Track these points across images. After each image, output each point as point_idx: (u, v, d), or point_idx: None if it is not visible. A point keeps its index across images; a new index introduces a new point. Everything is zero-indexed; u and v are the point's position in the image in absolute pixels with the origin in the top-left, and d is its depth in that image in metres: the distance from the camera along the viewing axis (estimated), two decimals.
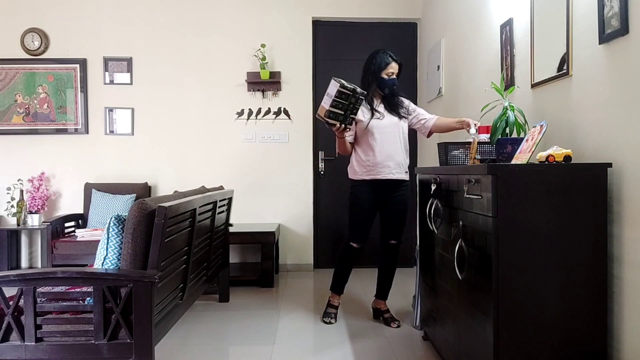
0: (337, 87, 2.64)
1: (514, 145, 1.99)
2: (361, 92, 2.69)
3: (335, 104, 2.67)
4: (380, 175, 2.96)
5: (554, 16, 2.11)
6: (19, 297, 1.95)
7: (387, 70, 2.95)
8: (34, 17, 4.48)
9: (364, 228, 3.03)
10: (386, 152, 2.95)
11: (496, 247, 1.62)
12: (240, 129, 4.59)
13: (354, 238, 3.03)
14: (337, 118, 2.72)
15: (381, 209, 3.07)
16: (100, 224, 4.19)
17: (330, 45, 4.72)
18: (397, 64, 2.98)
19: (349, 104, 2.69)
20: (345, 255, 3.09)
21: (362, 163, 2.99)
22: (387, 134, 2.96)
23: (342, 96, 2.66)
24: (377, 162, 2.95)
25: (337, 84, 2.64)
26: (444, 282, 2.23)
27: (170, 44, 4.55)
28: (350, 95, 2.67)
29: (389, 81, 2.97)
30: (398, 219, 3.05)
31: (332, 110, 2.69)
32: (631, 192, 1.62)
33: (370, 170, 2.97)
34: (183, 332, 2.91)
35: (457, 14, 3.53)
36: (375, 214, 3.06)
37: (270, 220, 4.59)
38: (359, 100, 2.71)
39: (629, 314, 1.63)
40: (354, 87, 2.66)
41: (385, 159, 2.95)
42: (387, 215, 3.06)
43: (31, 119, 4.50)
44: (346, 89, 2.64)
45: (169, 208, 2.02)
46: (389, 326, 3.00)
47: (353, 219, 3.04)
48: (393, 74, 2.97)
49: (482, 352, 1.73)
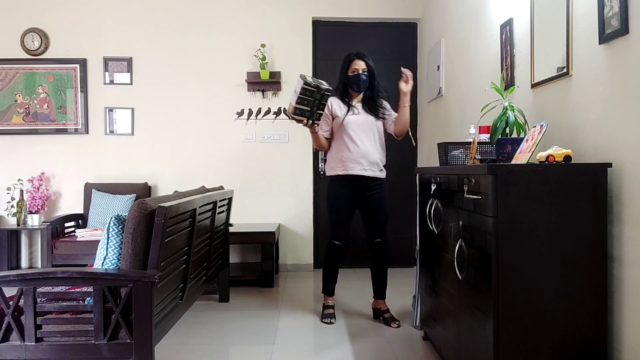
0: (301, 84, 2.68)
1: (514, 145, 1.99)
2: (326, 88, 2.72)
3: (300, 100, 2.72)
4: (352, 171, 3.00)
5: (554, 16, 2.11)
6: (19, 297, 1.95)
7: (351, 67, 3.02)
8: (34, 17, 4.48)
9: (344, 225, 3.07)
10: (360, 150, 2.99)
11: (496, 247, 1.62)
12: (240, 129, 4.59)
13: (335, 236, 3.08)
14: (303, 114, 2.77)
15: (360, 208, 3.10)
16: (100, 224, 4.19)
17: (330, 45, 4.72)
18: (361, 61, 3.02)
19: (314, 100, 2.73)
20: (330, 254, 3.14)
21: (337, 158, 3.04)
22: (361, 132, 3.00)
23: (307, 93, 2.70)
24: (350, 158, 2.99)
25: (302, 80, 2.68)
26: (444, 282, 2.23)
27: (171, 44, 4.55)
28: (315, 92, 2.70)
29: (353, 77, 3.02)
30: (378, 217, 3.07)
31: (297, 107, 2.74)
32: (631, 192, 1.62)
33: (344, 166, 3.01)
34: (183, 332, 2.91)
35: (457, 14, 3.53)
36: (353, 210, 3.10)
37: (270, 220, 4.59)
38: (325, 96, 2.74)
39: (629, 314, 1.63)
40: (317, 83, 2.70)
41: (358, 155, 2.99)
42: (366, 213, 3.10)
43: (31, 119, 4.50)
44: (309, 85, 2.67)
45: (169, 208, 2.02)
46: (389, 326, 3.00)
47: (332, 216, 3.10)
48: (358, 70, 3.01)
49: (482, 352, 1.73)
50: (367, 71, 3.04)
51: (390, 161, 4.65)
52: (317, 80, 2.74)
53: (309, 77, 2.72)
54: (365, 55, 3.06)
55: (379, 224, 3.08)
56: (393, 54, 4.74)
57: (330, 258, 3.16)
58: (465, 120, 3.22)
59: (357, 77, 3.01)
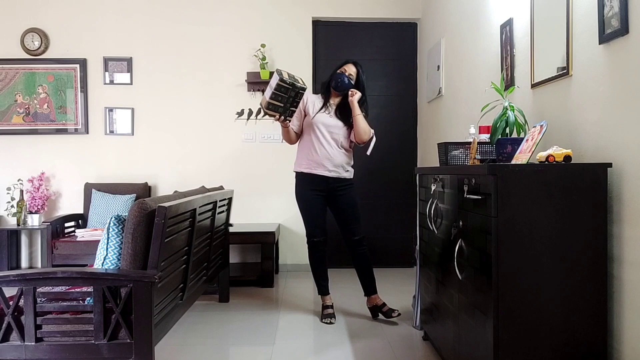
0: (277, 80, 2.65)
1: (514, 145, 1.99)
2: (301, 86, 2.73)
3: (275, 96, 2.71)
4: (316, 171, 3.06)
5: (554, 16, 2.11)
6: (19, 297, 1.95)
7: (342, 67, 3.08)
8: (34, 17, 4.48)
9: (318, 221, 3.10)
10: (325, 151, 3.04)
11: (496, 247, 1.62)
12: (240, 129, 4.59)
13: (312, 233, 3.11)
14: (276, 110, 2.78)
15: (330, 209, 3.16)
16: (100, 224, 4.19)
17: (330, 45, 4.71)
18: (353, 66, 3.08)
19: (289, 97, 2.74)
20: (313, 253, 3.16)
21: (303, 155, 3.11)
22: (328, 133, 3.04)
23: (281, 89, 2.69)
24: (315, 159, 3.05)
25: (278, 76, 2.65)
26: (444, 282, 2.23)
27: (171, 44, 4.55)
28: (289, 89, 2.70)
29: (337, 75, 3.06)
30: (349, 217, 3.11)
31: (271, 102, 2.74)
32: (631, 192, 1.62)
33: (309, 165, 3.08)
34: (183, 332, 2.91)
35: (457, 14, 3.53)
36: (325, 206, 3.14)
37: (270, 220, 4.59)
38: (299, 94, 2.76)
39: (629, 313, 1.63)
40: (293, 81, 2.69)
41: (323, 157, 3.04)
42: (337, 214, 3.15)
43: (31, 119, 4.50)
44: (284, 82, 2.66)
45: (169, 208, 2.02)
46: (390, 317, 3.03)
47: (305, 214, 3.13)
48: (345, 72, 3.06)
49: (482, 352, 1.73)
50: (353, 78, 3.07)
51: (390, 161, 4.69)
52: (293, 78, 2.73)
53: (285, 74, 2.70)
54: (360, 65, 3.11)
55: (352, 222, 3.11)
56: (393, 54, 4.75)
57: (313, 256, 3.17)
58: (465, 120, 3.22)
59: (340, 76, 3.04)
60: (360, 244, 3.13)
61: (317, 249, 3.13)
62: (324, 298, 3.21)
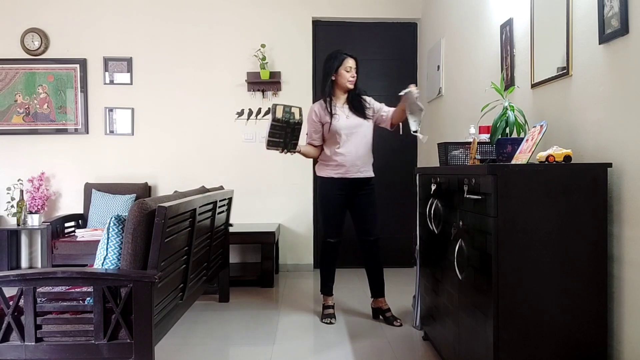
0: (270, 120, 2.75)
1: (514, 145, 1.99)
2: (295, 122, 2.78)
3: (272, 134, 2.79)
4: (348, 175, 3.04)
5: (554, 16, 2.11)
6: (19, 297, 1.95)
7: (345, 65, 3.01)
8: (34, 17, 4.48)
9: (337, 223, 3.10)
10: (354, 152, 3.02)
11: (496, 247, 1.62)
12: (240, 129, 4.59)
13: (329, 234, 3.11)
14: (278, 145, 2.85)
15: (350, 208, 3.13)
16: (100, 224, 4.19)
17: (330, 45, 4.70)
18: (353, 60, 3.04)
19: (286, 133, 2.80)
20: (325, 253, 3.16)
21: (330, 162, 3.06)
22: (353, 135, 3.02)
23: (277, 127, 2.77)
24: (345, 161, 3.02)
25: (271, 116, 2.74)
26: (444, 282, 2.23)
27: (171, 44, 4.55)
28: (285, 126, 2.78)
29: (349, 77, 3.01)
30: (369, 216, 3.11)
31: (270, 139, 2.81)
32: (631, 192, 1.62)
33: (338, 170, 3.04)
34: (183, 332, 2.91)
35: (457, 14, 3.53)
36: (345, 209, 3.12)
37: (270, 220, 4.59)
38: (296, 129, 2.81)
39: (629, 313, 1.63)
40: (287, 118, 2.75)
41: (354, 158, 3.02)
42: (357, 213, 3.12)
43: (31, 119, 4.50)
44: (278, 122, 2.75)
45: (169, 208, 2.02)
46: (391, 325, 3.01)
47: (325, 216, 3.13)
48: (352, 69, 3.02)
49: (482, 352, 1.73)
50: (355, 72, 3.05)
51: (390, 161, 4.68)
52: (289, 112, 2.77)
53: (280, 111, 2.74)
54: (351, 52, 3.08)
55: (369, 222, 3.11)
56: (393, 54, 4.75)
57: (325, 256, 3.18)
58: (465, 120, 3.22)
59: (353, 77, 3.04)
60: (374, 245, 3.12)
61: (331, 249, 3.13)
62: (326, 298, 3.20)
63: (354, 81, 3.05)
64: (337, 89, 3.08)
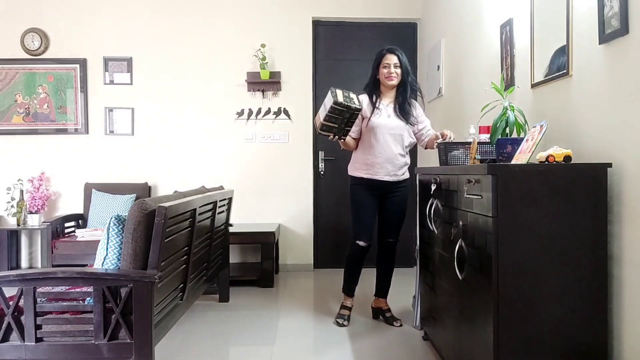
0: (331, 103, 2.62)
1: (514, 145, 1.99)
2: (356, 107, 2.67)
3: (329, 117, 2.68)
4: (377, 176, 2.96)
5: (554, 16, 2.10)
6: (19, 297, 1.95)
7: (383, 62, 2.93)
8: (34, 17, 4.48)
9: (367, 225, 3.00)
10: (386, 154, 2.94)
11: (496, 247, 1.62)
12: (240, 129, 4.59)
13: (359, 235, 3.00)
14: (330, 130, 2.75)
15: (380, 207, 3.06)
16: (100, 224, 4.19)
17: (330, 45, 4.72)
18: (393, 55, 2.93)
19: (343, 118, 2.70)
20: (353, 254, 3.05)
21: (362, 161, 2.98)
22: (390, 136, 2.94)
23: (336, 111, 2.66)
24: (375, 162, 2.94)
25: (332, 99, 2.61)
26: (444, 282, 2.23)
27: (171, 44, 4.55)
28: (344, 111, 2.66)
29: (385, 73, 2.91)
30: (396, 218, 3.05)
31: (325, 123, 2.71)
32: (631, 192, 1.62)
33: (369, 170, 2.97)
34: (183, 332, 2.91)
35: (457, 14, 3.53)
36: (377, 208, 3.04)
37: (270, 220, 4.59)
38: (354, 115, 2.70)
39: (629, 314, 1.63)
40: (348, 102, 2.64)
41: (385, 160, 2.94)
42: (385, 214, 3.05)
43: (31, 119, 4.50)
44: (339, 105, 2.62)
45: (169, 208, 2.02)
46: (391, 325, 3.00)
47: (355, 216, 3.02)
48: (390, 65, 2.92)
49: (482, 352, 1.73)
50: (399, 66, 2.94)
51: None
52: (348, 97, 2.67)
53: (340, 95, 2.65)
54: (398, 49, 2.96)
55: (396, 225, 3.05)
56: None
57: (353, 259, 3.06)
58: (465, 120, 3.22)
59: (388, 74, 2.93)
60: (392, 248, 3.08)
61: (360, 253, 3.02)
62: (345, 297, 3.13)
63: (393, 78, 2.93)
64: (383, 87, 3.00)
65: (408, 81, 2.98)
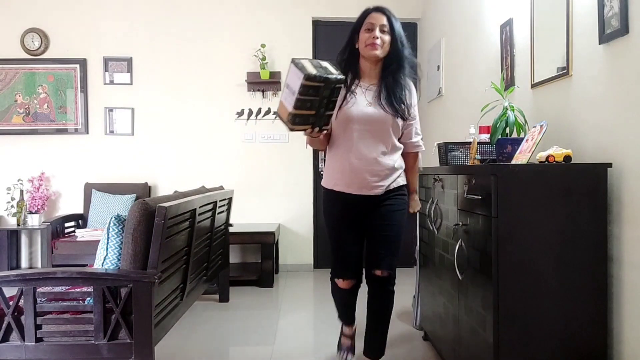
0: (301, 80, 1.68)
1: (514, 145, 1.99)
2: (336, 78, 1.74)
3: (302, 102, 1.73)
4: (350, 190, 2.06)
5: (554, 16, 2.11)
6: (19, 297, 1.95)
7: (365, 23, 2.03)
8: (34, 17, 4.48)
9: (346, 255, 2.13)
10: (364, 159, 2.02)
11: (496, 247, 1.62)
12: (240, 129, 4.59)
13: (336, 271, 2.17)
14: (306, 122, 1.81)
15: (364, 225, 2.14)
16: (100, 224, 4.19)
17: (330, 45, 4.71)
18: (381, 15, 2.01)
19: (322, 98, 1.76)
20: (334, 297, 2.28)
21: (334, 168, 2.10)
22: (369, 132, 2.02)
23: (310, 91, 1.72)
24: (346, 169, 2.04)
25: (301, 74, 1.68)
26: (444, 282, 2.23)
27: (171, 44, 4.55)
28: (322, 87, 1.73)
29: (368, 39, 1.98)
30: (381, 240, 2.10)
31: (298, 112, 1.76)
32: (631, 192, 1.62)
33: (342, 181, 2.07)
34: (183, 332, 2.91)
35: (457, 14, 3.53)
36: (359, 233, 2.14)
37: (270, 220, 4.59)
38: (336, 90, 1.78)
39: (629, 314, 1.63)
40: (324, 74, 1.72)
41: (361, 168, 2.02)
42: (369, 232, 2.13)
43: (31, 119, 4.50)
44: (314, 79, 1.69)
45: (169, 208, 2.02)
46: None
47: (331, 242, 2.18)
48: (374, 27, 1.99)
49: (482, 352, 1.73)
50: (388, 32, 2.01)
51: None
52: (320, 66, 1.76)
53: (310, 66, 1.73)
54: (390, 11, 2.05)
55: (382, 247, 2.09)
56: None
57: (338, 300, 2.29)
58: (465, 120, 3.22)
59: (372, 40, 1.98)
60: (383, 285, 2.13)
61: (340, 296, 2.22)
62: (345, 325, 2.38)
63: (376, 46, 1.99)
64: (363, 60, 2.08)
65: (404, 55, 2.07)
